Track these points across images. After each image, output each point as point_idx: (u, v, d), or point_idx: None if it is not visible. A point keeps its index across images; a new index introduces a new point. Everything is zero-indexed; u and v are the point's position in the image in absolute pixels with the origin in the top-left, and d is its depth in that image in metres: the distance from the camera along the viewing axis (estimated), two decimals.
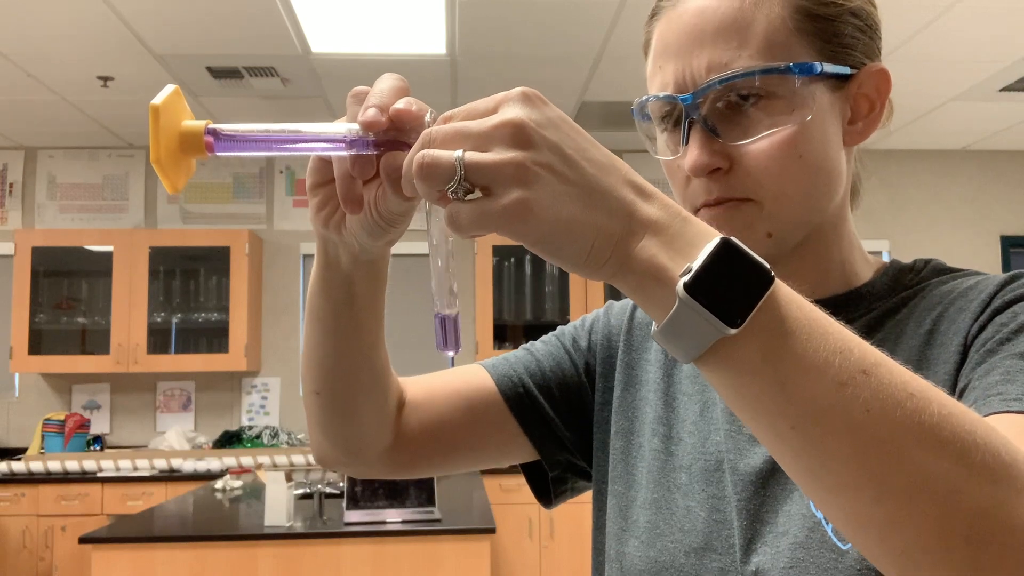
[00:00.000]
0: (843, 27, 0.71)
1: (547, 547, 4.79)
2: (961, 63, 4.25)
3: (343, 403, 0.78)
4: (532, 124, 0.48)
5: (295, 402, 5.54)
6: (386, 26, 3.80)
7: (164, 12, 3.61)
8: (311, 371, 0.77)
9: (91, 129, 5.23)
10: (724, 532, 0.72)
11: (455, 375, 0.88)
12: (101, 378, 5.43)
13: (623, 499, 0.82)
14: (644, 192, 0.50)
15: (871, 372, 0.47)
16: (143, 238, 5.26)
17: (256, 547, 2.86)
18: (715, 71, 0.68)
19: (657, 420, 0.82)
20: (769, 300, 0.47)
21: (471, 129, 0.48)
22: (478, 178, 0.47)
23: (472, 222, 0.47)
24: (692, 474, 0.76)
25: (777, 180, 0.68)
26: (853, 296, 0.75)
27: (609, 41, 3.95)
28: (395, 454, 0.83)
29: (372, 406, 0.79)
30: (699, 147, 0.68)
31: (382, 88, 0.58)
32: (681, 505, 0.76)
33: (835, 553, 0.64)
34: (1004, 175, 5.89)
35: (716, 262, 0.47)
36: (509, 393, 0.85)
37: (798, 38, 0.69)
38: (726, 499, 0.73)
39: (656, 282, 0.48)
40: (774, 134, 0.68)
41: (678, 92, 0.69)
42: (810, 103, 0.68)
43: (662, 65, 0.72)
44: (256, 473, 4.32)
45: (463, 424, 0.85)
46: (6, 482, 4.71)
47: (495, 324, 5.34)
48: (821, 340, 0.47)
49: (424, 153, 0.48)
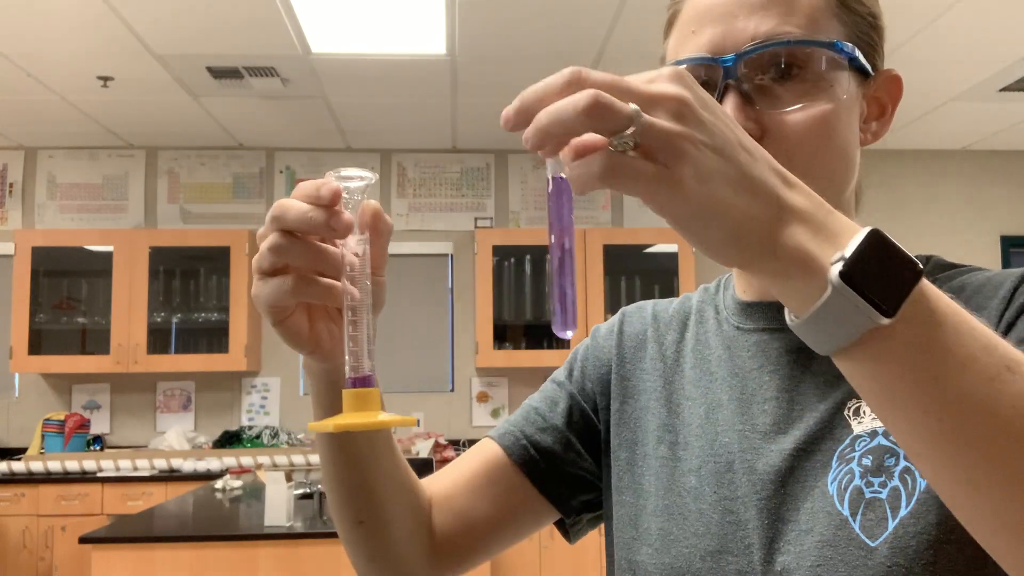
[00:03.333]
0: (869, 27, 0.73)
1: (547, 547, 4.79)
2: (961, 63, 4.25)
3: (385, 524, 0.79)
4: (695, 102, 0.47)
5: (295, 402, 5.54)
6: (386, 26, 3.80)
7: (164, 12, 3.61)
8: (348, 503, 0.77)
9: (91, 129, 5.23)
10: (739, 533, 0.72)
11: (470, 458, 0.89)
12: (101, 378, 5.43)
13: (632, 508, 0.81)
14: (789, 181, 0.50)
15: (1015, 369, 0.47)
16: (143, 238, 5.26)
17: (256, 547, 2.86)
18: (760, 38, 0.68)
19: (662, 428, 0.82)
20: (919, 292, 0.47)
21: (636, 88, 0.47)
22: (650, 139, 0.46)
23: (628, 179, 0.46)
24: (702, 477, 0.76)
25: (809, 155, 0.68)
26: None
27: (609, 41, 3.95)
28: (437, 558, 0.84)
29: (410, 519, 0.80)
30: (736, 110, 0.68)
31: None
32: (693, 509, 0.75)
33: (863, 550, 0.64)
34: (1004, 175, 5.89)
35: (868, 251, 0.47)
36: (519, 456, 0.86)
37: (836, 24, 0.71)
38: (739, 500, 0.73)
39: (804, 269, 0.48)
40: (811, 107, 0.68)
41: (717, 56, 0.69)
42: (845, 86, 0.69)
43: (697, 30, 0.71)
44: (256, 473, 4.32)
45: (491, 504, 0.85)
46: (6, 482, 4.71)
47: (495, 324, 5.33)
48: (968, 334, 0.47)
49: (596, 93, 0.45)
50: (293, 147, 5.66)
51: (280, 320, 0.64)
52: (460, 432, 5.56)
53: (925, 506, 0.63)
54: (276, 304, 0.62)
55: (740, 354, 0.79)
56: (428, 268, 5.67)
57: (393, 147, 5.69)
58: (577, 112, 0.44)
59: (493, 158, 5.77)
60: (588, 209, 5.77)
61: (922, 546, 0.62)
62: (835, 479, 0.68)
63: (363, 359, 0.59)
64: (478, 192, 5.75)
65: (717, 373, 0.80)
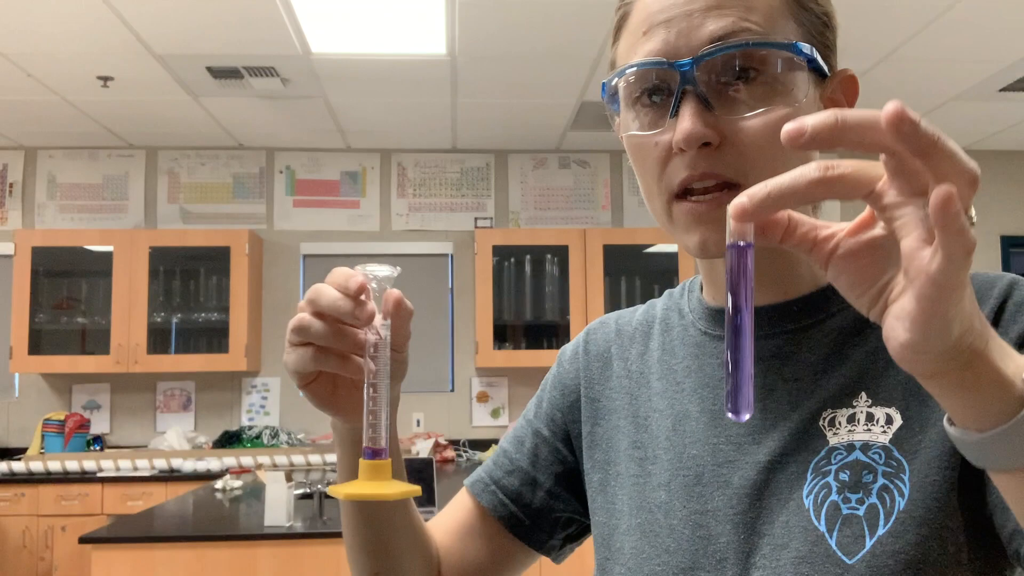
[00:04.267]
0: (824, 28, 0.71)
1: None
2: (961, 63, 4.25)
3: (399, 574, 0.83)
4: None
5: (295, 402, 5.54)
6: (386, 26, 3.80)
7: (164, 12, 3.61)
8: (365, 556, 0.81)
9: (91, 129, 5.23)
10: (711, 548, 0.70)
11: (453, 508, 0.92)
12: (101, 378, 5.43)
13: (605, 528, 0.80)
14: None
15: None
16: (143, 238, 5.26)
17: (256, 547, 2.86)
18: (718, 38, 0.65)
19: (632, 445, 0.80)
20: None
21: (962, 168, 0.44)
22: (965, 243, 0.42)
23: (967, 257, 0.43)
24: (672, 491, 0.75)
25: (769, 163, 0.65)
26: (828, 292, 0.73)
27: (609, 41, 3.94)
28: None
29: (422, 569, 0.85)
30: (695, 117, 0.65)
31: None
32: (664, 524, 0.74)
33: (840, 567, 0.63)
34: (1004, 175, 5.89)
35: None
36: (489, 504, 0.89)
37: (793, 25, 0.68)
38: (709, 513, 0.71)
39: (998, 386, 0.47)
40: (769, 112, 0.66)
41: (672, 59, 0.67)
42: (804, 88, 0.67)
43: (649, 31, 0.69)
44: (256, 473, 4.33)
45: (479, 552, 0.89)
46: (6, 482, 4.71)
47: (495, 324, 5.33)
48: None
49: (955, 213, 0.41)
50: (293, 147, 5.66)
51: (305, 384, 0.70)
52: (460, 432, 5.55)
53: (904, 526, 0.62)
54: (299, 371, 0.68)
55: (709, 362, 0.77)
56: (428, 268, 5.67)
57: (393, 147, 5.69)
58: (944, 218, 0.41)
59: (493, 158, 5.77)
60: (588, 209, 5.77)
61: (900, 566, 0.61)
62: (811, 492, 0.67)
63: (380, 431, 0.66)
64: (478, 192, 5.75)
65: (685, 383, 0.78)
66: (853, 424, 0.68)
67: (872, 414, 0.67)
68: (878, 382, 0.68)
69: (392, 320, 0.68)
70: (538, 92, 4.66)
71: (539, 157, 5.79)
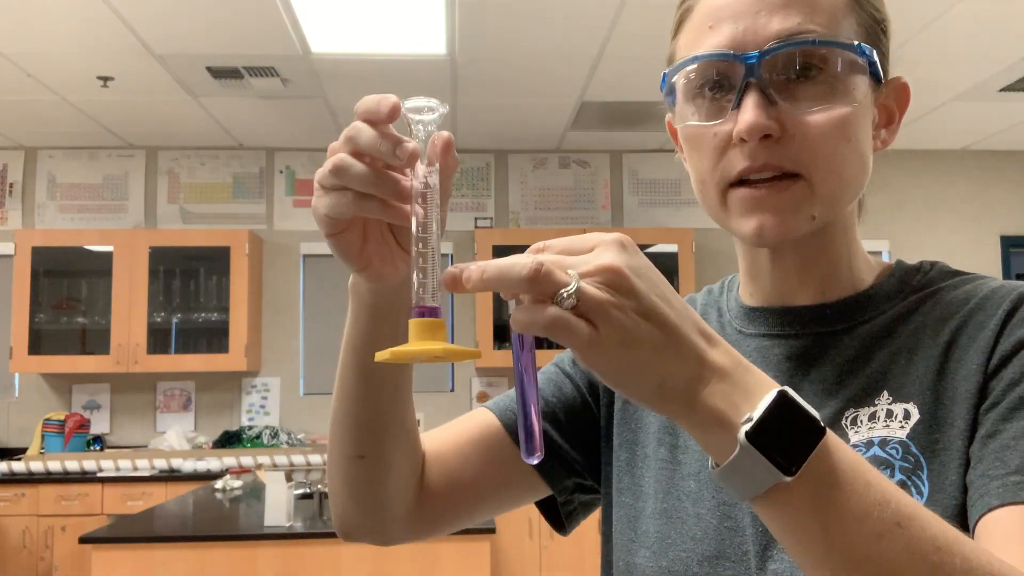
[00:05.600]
0: (881, 32, 0.72)
1: (547, 547, 4.79)
2: (961, 63, 4.25)
3: (384, 463, 0.78)
4: (629, 272, 0.52)
5: (295, 402, 5.54)
6: (386, 26, 3.80)
7: (164, 12, 3.61)
8: (350, 435, 0.77)
9: (91, 129, 5.23)
10: (736, 539, 0.71)
11: (464, 422, 0.88)
12: (101, 378, 5.43)
13: (631, 510, 0.81)
14: (712, 339, 0.54)
15: (905, 525, 0.51)
16: (143, 238, 5.26)
17: (256, 547, 2.86)
18: (784, 36, 0.67)
19: (662, 430, 0.81)
20: (821, 450, 0.51)
21: (576, 264, 0.51)
22: (584, 305, 0.50)
23: (564, 334, 0.50)
24: (701, 481, 0.76)
25: (829, 157, 0.67)
26: (862, 299, 0.75)
27: (609, 41, 3.95)
28: (419, 512, 0.83)
29: (407, 463, 0.80)
30: (758, 108, 0.66)
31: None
32: (691, 513, 0.75)
33: None
34: (1004, 175, 5.89)
35: (774, 413, 0.51)
36: (513, 427, 0.85)
37: (855, 28, 0.70)
38: (737, 505, 0.72)
39: (720, 427, 0.52)
40: (831, 109, 0.67)
41: (739, 52, 0.68)
42: (863, 89, 0.69)
43: (715, 25, 0.69)
44: (256, 473, 4.32)
45: (480, 469, 0.85)
46: (6, 482, 4.71)
47: (495, 324, 5.33)
48: (864, 490, 0.51)
49: (542, 261, 0.50)
50: (293, 147, 5.66)
51: (333, 233, 0.64)
52: None
53: None
54: (333, 215, 0.62)
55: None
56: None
57: None
58: (520, 279, 0.50)
59: (493, 158, 5.77)
60: (588, 209, 5.77)
61: None
62: None
63: (430, 289, 0.59)
64: (478, 192, 5.75)
65: None
66: (873, 422, 0.69)
67: (892, 410, 0.69)
68: (900, 379, 0.70)
69: (440, 165, 0.61)
70: (538, 92, 4.66)
71: (539, 157, 5.79)
